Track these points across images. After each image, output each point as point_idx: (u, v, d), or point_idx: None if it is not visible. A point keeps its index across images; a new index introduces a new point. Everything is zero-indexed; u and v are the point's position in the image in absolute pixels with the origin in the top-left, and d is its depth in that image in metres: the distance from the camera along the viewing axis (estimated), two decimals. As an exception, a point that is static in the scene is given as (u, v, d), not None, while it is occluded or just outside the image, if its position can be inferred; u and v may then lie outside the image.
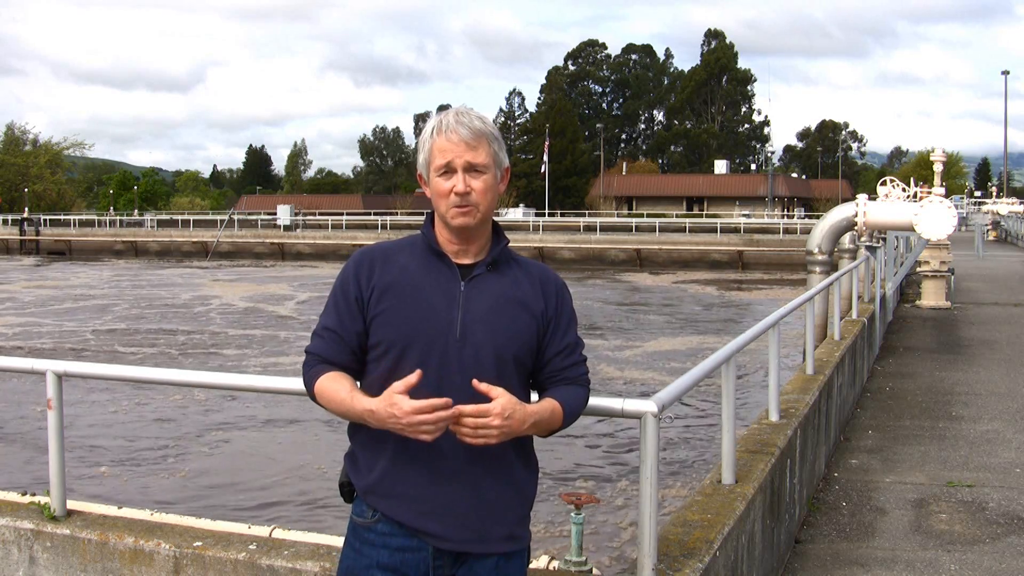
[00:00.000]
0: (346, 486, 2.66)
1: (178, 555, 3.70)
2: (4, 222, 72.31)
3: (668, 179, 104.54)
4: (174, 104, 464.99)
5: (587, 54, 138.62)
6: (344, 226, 65.09)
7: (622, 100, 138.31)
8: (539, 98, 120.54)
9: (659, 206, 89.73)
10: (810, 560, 5.65)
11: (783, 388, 7.03)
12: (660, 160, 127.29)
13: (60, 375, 3.98)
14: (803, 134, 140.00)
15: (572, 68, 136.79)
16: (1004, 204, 62.86)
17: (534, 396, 2.67)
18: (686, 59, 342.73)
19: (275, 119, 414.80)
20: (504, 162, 2.62)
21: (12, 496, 4.38)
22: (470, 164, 2.53)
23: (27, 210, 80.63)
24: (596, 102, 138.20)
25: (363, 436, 2.59)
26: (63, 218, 75.19)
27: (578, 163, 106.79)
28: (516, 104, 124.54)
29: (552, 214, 78.29)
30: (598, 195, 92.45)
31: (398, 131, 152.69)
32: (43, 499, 4.15)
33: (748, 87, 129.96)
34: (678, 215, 75.77)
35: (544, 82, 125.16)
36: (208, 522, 4.01)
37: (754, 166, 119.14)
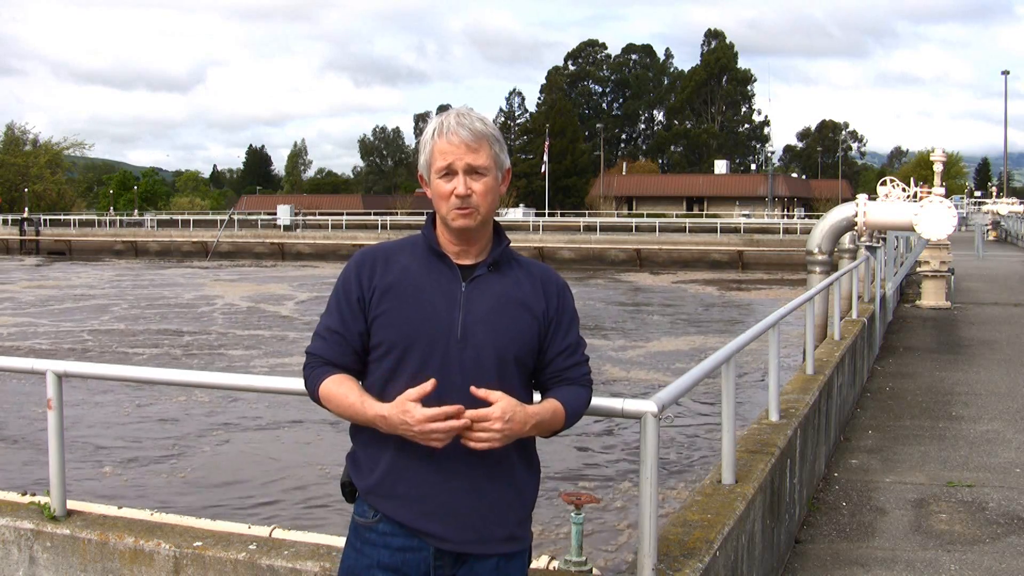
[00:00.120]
0: (348, 486, 2.66)
1: (178, 555, 3.70)
2: (4, 222, 72.33)
3: (668, 179, 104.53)
4: (174, 104, 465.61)
5: (587, 54, 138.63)
6: (344, 226, 65.09)
7: (622, 100, 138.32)
8: (539, 98, 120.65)
9: (659, 206, 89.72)
10: (810, 560, 5.65)
11: (783, 388, 7.03)
12: (660, 160, 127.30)
13: (60, 375, 3.98)
14: (803, 134, 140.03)
15: (572, 68, 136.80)
16: (1004, 204, 62.87)
17: (536, 396, 2.67)
18: (686, 59, 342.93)
19: (275, 119, 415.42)
20: (505, 163, 2.62)
21: (12, 496, 4.38)
22: (471, 166, 2.53)
23: (27, 210, 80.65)
24: (596, 102, 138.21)
25: (365, 436, 2.59)
26: (63, 218, 75.19)
27: (578, 163, 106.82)
28: (516, 104, 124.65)
29: (552, 214, 78.29)
30: (598, 195, 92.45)
31: (398, 131, 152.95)
32: (43, 499, 4.15)
33: (748, 87, 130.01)
34: (678, 215, 75.77)
35: (544, 82, 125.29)
36: (208, 522, 4.01)
37: (754, 166, 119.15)
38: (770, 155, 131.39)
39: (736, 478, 4.62)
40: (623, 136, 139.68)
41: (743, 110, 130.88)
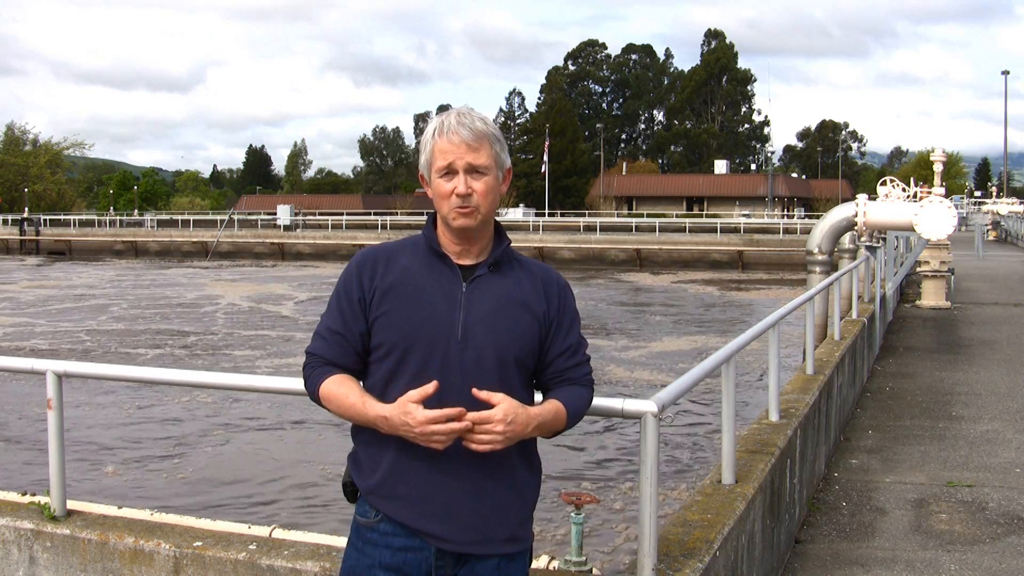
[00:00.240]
0: (349, 486, 2.66)
1: (178, 555, 3.69)
2: (4, 222, 72.30)
3: (668, 179, 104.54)
4: (174, 104, 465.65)
5: (587, 54, 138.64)
6: (344, 226, 65.07)
7: (622, 100, 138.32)
8: (539, 98, 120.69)
9: (659, 206, 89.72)
10: (810, 560, 5.65)
11: (783, 388, 7.03)
12: (660, 160, 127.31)
13: (60, 375, 3.98)
14: (803, 134, 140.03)
15: (572, 68, 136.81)
16: (1004, 204, 62.89)
17: (538, 397, 2.67)
18: (686, 59, 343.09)
19: (275, 119, 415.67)
20: (506, 163, 2.62)
21: (12, 496, 4.38)
22: (471, 166, 2.52)
23: (27, 210, 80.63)
24: (596, 102, 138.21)
25: (366, 437, 2.58)
26: (63, 218, 75.17)
27: (578, 163, 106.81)
28: (516, 104, 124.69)
29: (552, 214, 78.29)
30: (598, 195, 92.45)
31: (398, 131, 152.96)
32: (43, 499, 4.15)
33: (748, 87, 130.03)
34: (678, 215, 75.76)
35: (544, 82, 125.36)
36: (208, 522, 4.01)
37: (754, 166, 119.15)
38: (770, 155, 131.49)
39: (736, 478, 4.62)
40: (623, 136, 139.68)
41: (743, 110, 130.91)
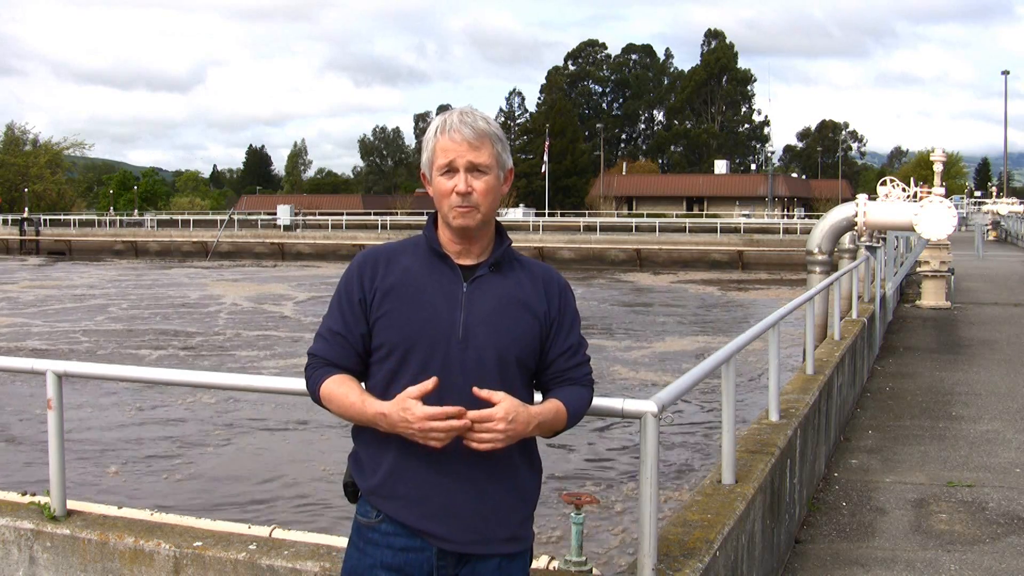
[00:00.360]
0: (350, 487, 2.66)
1: (178, 555, 3.69)
2: (4, 222, 72.30)
3: (668, 179, 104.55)
4: (174, 104, 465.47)
5: (587, 54, 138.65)
6: (344, 226, 65.10)
7: (622, 100, 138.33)
8: (539, 98, 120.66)
9: (659, 206, 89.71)
10: (810, 560, 5.65)
11: (783, 388, 7.03)
12: (660, 160, 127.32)
13: (60, 375, 3.98)
14: (803, 134, 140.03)
15: (572, 68, 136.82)
16: (1004, 204, 62.86)
17: (537, 397, 2.67)
18: (686, 59, 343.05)
19: (275, 119, 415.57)
20: (507, 163, 2.62)
21: (12, 496, 4.38)
22: (472, 164, 2.53)
23: (27, 210, 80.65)
24: (596, 102, 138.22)
25: (367, 437, 2.59)
26: (63, 218, 75.17)
27: (578, 163, 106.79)
28: (516, 104, 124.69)
29: (552, 214, 78.30)
30: (598, 195, 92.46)
31: (398, 131, 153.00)
32: (43, 499, 4.15)
33: (748, 87, 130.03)
34: (678, 215, 75.76)
35: (544, 82, 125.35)
36: (208, 522, 4.01)
37: (754, 166, 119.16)
38: (770, 155, 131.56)
39: (736, 478, 4.62)
40: (623, 136, 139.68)
41: (743, 110, 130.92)
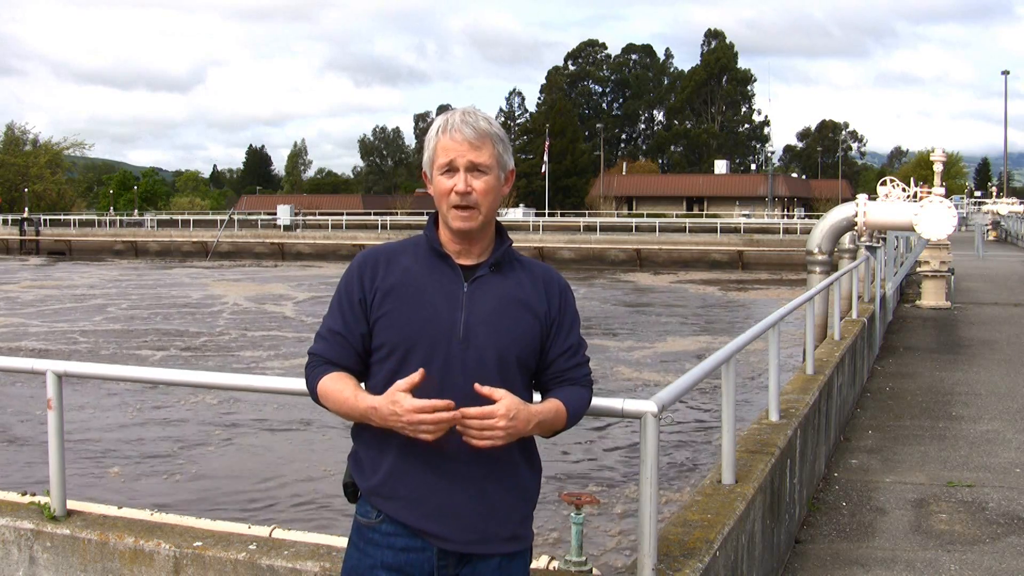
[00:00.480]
0: (350, 487, 2.66)
1: (178, 555, 3.70)
2: (4, 222, 72.30)
3: (668, 179, 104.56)
4: (174, 104, 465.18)
5: (587, 54, 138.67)
6: (344, 226, 65.10)
7: (622, 100, 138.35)
8: (539, 98, 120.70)
9: (659, 206, 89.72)
10: (810, 560, 5.65)
11: (783, 388, 7.03)
12: (660, 160, 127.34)
13: (60, 375, 3.98)
14: (803, 134, 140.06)
15: (572, 68, 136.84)
16: (1004, 204, 62.87)
17: (536, 397, 2.67)
18: (686, 59, 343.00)
19: (275, 119, 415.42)
20: (509, 164, 2.62)
21: (12, 496, 4.38)
22: (473, 164, 2.53)
23: (27, 210, 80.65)
24: (596, 102, 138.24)
25: (367, 437, 2.59)
26: (63, 218, 75.18)
27: (578, 163, 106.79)
28: (516, 104, 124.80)
29: (552, 214, 78.31)
30: (598, 195, 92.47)
31: (398, 131, 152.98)
32: (43, 499, 4.15)
33: (748, 87, 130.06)
34: (678, 215, 75.77)
35: (544, 82, 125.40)
36: (208, 522, 4.01)
37: (754, 166, 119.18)
38: (770, 155, 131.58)
39: (736, 478, 4.62)
40: (623, 136, 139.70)
41: (743, 110, 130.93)
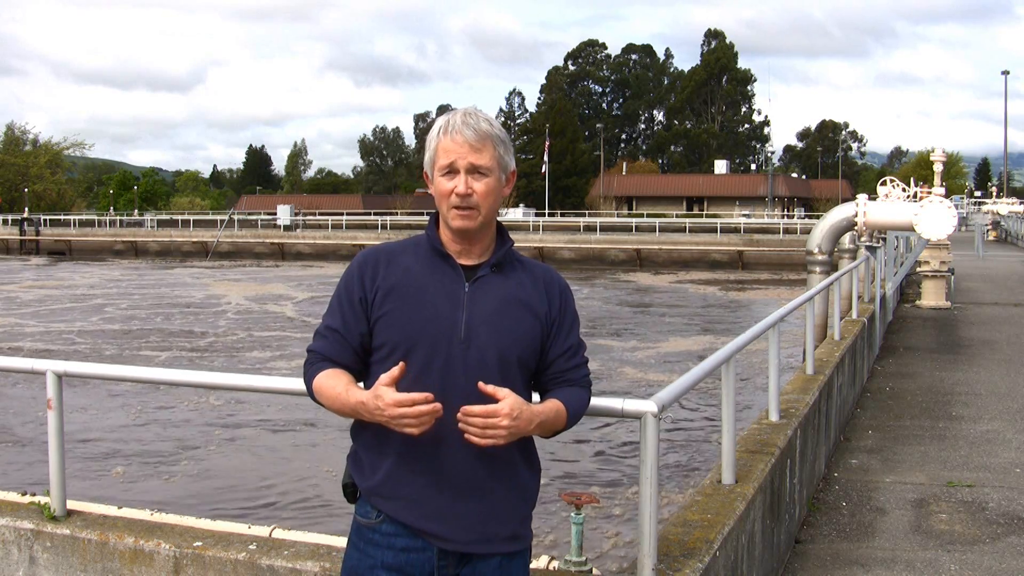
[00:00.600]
0: (349, 487, 2.66)
1: (178, 555, 3.69)
2: (4, 222, 72.29)
3: (668, 179, 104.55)
4: (174, 104, 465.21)
5: (587, 54, 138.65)
6: (344, 226, 65.09)
7: (622, 100, 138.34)
8: (539, 98, 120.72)
9: (659, 206, 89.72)
10: (810, 560, 5.65)
11: (783, 388, 7.03)
12: (660, 160, 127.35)
13: (60, 375, 3.98)
14: (803, 134, 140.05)
15: (572, 68, 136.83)
16: (1004, 204, 62.87)
17: (535, 397, 2.67)
18: (686, 59, 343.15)
19: (275, 119, 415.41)
20: (510, 166, 2.62)
21: (12, 496, 4.38)
22: (473, 165, 2.53)
23: (27, 210, 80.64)
24: (596, 102, 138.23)
25: (367, 437, 2.59)
26: (63, 218, 75.15)
27: (578, 163, 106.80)
28: (516, 104, 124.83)
29: (552, 214, 78.30)
30: (598, 195, 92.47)
31: (398, 131, 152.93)
32: (43, 499, 4.14)
33: (748, 87, 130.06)
34: (678, 215, 75.77)
35: (544, 82, 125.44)
36: (208, 522, 4.01)
37: (754, 166, 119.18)
38: (770, 155, 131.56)
39: (736, 478, 4.62)
40: (623, 136, 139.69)
41: (743, 110, 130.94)
